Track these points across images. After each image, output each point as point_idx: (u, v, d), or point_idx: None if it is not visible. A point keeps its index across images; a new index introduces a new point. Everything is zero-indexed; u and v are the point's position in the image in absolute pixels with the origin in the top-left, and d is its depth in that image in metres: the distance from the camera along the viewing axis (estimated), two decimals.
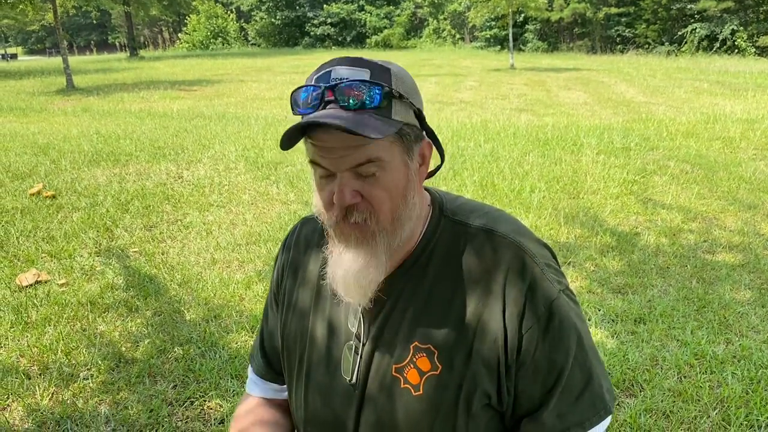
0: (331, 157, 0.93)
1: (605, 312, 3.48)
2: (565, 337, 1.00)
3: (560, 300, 1.01)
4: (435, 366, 1.01)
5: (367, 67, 0.93)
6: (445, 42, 45.73)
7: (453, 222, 1.06)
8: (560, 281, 1.03)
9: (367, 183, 0.94)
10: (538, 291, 0.99)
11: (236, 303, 3.69)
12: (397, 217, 0.97)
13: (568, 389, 1.00)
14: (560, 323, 1.00)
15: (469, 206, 1.11)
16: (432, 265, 1.04)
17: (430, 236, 1.05)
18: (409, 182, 0.98)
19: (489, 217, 1.07)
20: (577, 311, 1.05)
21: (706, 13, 30.83)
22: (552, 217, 5.06)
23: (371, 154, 0.92)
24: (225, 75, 21.89)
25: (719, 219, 5.05)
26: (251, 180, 6.40)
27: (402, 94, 0.94)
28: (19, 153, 7.61)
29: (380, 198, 0.95)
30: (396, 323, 1.04)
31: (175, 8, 47.36)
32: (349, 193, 0.94)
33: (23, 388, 2.83)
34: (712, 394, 2.71)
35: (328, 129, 0.90)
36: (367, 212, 0.95)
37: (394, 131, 0.92)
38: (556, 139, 8.13)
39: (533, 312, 0.98)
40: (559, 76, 19.76)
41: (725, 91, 14.58)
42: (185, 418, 2.63)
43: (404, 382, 1.02)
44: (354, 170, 0.93)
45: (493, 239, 1.03)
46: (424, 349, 1.01)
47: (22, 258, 4.37)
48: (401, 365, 1.03)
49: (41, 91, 17.21)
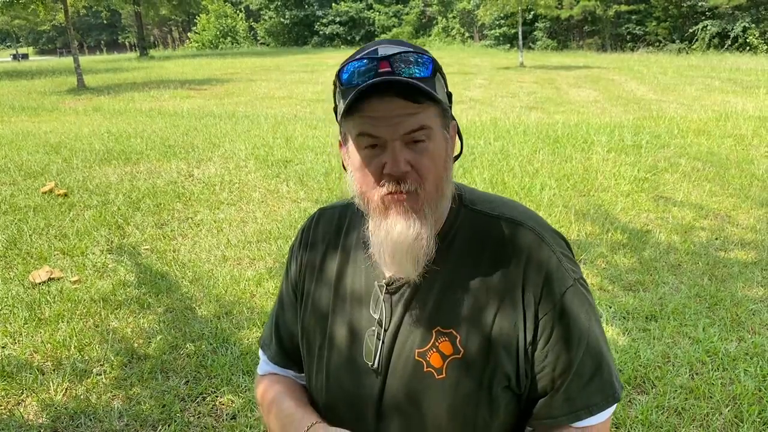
0: (385, 126, 0.95)
1: (617, 309, 3.47)
2: (578, 324, 1.03)
3: (575, 288, 1.04)
4: (457, 350, 1.03)
5: (409, 47, 0.98)
6: (454, 40, 45.65)
7: (473, 211, 1.09)
8: (575, 270, 1.06)
9: (416, 152, 0.97)
10: (555, 279, 1.02)
11: (247, 300, 3.70)
12: (440, 188, 1.01)
13: (579, 374, 1.03)
14: (574, 311, 1.03)
15: (486, 197, 1.14)
16: (453, 252, 1.06)
17: (451, 224, 1.08)
18: (448, 154, 1.02)
19: (507, 207, 1.10)
20: (590, 300, 1.07)
21: (718, 11, 30.61)
22: (563, 215, 5.04)
23: (423, 122, 0.96)
24: (234, 74, 21.96)
25: (731, 216, 5.01)
26: (261, 178, 6.41)
27: (442, 72, 1.00)
28: (32, 152, 7.67)
29: (428, 167, 0.98)
30: (419, 309, 1.06)
31: (185, 8, 47.53)
32: (404, 162, 0.96)
33: (37, 383, 2.85)
34: (725, 392, 2.70)
35: (383, 97, 0.93)
36: (417, 182, 0.98)
37: (442, 100, 0.97)
38: (566, 137, 8.10)
39: (550, 298, 1.01)
40: (569, 74, 19.69)
41: (737, 88, 14.48)
42: (197, 413, 2.65)
43: (427, 365, 1.04)
44: (406, 137, 0.96)
45: (512, 228, 1.06)
46: (446, 333, 1.03)
47: (35, 255, 4.41)
48: (424, 349, 1.04)
49: (52, 90, 17.33)
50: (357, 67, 0.95)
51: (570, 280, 1.04)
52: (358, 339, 1.11)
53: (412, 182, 0.97)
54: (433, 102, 0.96)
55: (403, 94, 0.93)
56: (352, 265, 1.14)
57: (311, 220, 1.25)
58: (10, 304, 3.65)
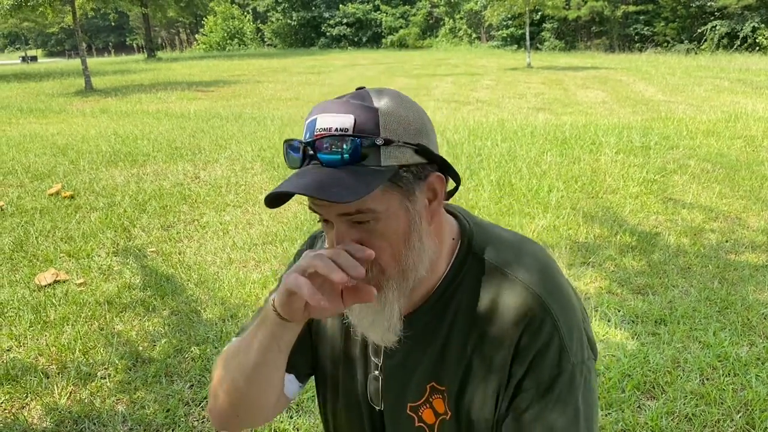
0: (321, 205, 0.90)
1: (625, 313, 3.43)
2: (555, 413, 0.93)
3: (569, 374, 0.94)
4: (446, 410, 0.99)
5: (351, 112, 0.86)
6: (462, 41, 45.59)
7: (480, 261, 1.00)
8: (577, 353, 0.96)
9: (365, 231, 0.90)
10: (547, 359, 0.93)
11: (253, 302, 3.68)
12: (403, 264, 0.92)
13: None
14: (557, 398, 0.93)
15: (502, 243, 1.03)
16: (454, 305, 0.99)
17: (455, 274, 1.00)
18: (413, 226, 0.91)
19: (522, 262, 0.99)
20: (585, 391, 0.97)
21: (727, 11, 30.44)
22: (570, 217, 5.00)
23: (360, 206, 0.87)
24: (241, 76, 22.00)
25: (742, 218, 4.96)
26: (267, 180, 6.40)
27: (390, 139, 0.86)
28: (39, 154, 7.69)
29: (380, 247, 0.90)
30: (414, 361, 1.01)
31: (192, 10, 47.75)
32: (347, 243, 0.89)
33: (42, 386, 2.84)
34: (736, 397, 2.66)
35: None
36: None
37: (380, 184, 0.85)
38: (574, 138, 8.06)
39: (535, 376, 0.94)
40: (577, 75, 19.62)
41: (746, 89, 14.37)
42: (201, 418, 2.63)
43: (418, 420, 1.01)
44: (346, 219, 0.89)
45: (518, 290, 0.96)
46: (440, 391, 0.99)
47: (40, 258, 4.40)
48: (416, 404, 1.01)
49: (60, 92, 17.40)
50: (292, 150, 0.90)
51: (567, 364, 0.94)
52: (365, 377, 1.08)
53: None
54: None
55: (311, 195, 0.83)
56: None
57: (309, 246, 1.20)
58: (16, 306, 3.65)
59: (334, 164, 0.85)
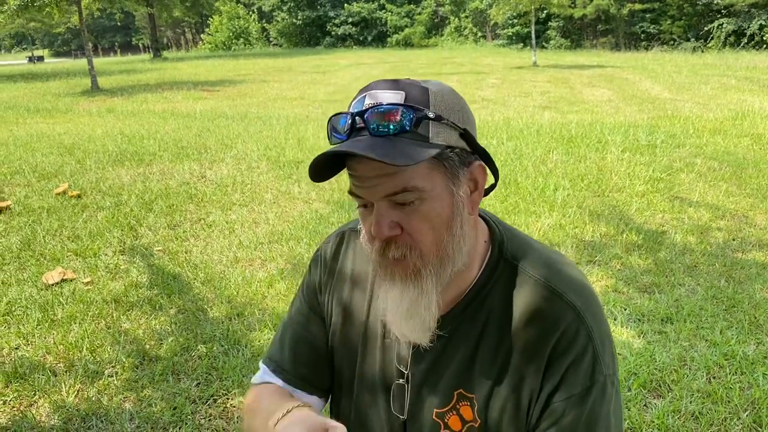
0: (365, 186, 0.88)
1: (632, 311, 3.43)
2: (588, 424, 0.93)
3: (601, 386, 0.93)
4: (475, 418, 0.97)
5: (402, 89, 0.87)
6: (467, 40, 45.53)
7: (513, 267, 0.98)
8: (608, 366, 0.95)
9: (405, 213, 0.88)
10: (582, 368, 0.92)
11: (259, 301, 3.69)
12: (443, 250, 0.90)
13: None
14: (591, 409, 0.92)
15: (534, 251, 1.01)
16: (485, 310, 0.97)
17: (487, 279, 0.98)
18: (455, 211, 0.90)
19: (553, 270, 0.98)
20: (615, 403, 0.96)
21: (733, 8, 30.29)
22: (577, 216, 4.99)
23: (407, 183, 0.85)
24: (247, 75, 22.03)
25: (749, 217, 4.94)
26: (273, 179, 6.41)
27: (441, 115, 0.86)
28: (46, 153, 7.73)
29: (421, 230, 0.88)
30: (443, 366, 0.99)
31: (198, 9, 47.83)
32: (387, 224, 0.87)
33: (49, 384, 2.85)
34: (743, 396, 2.65)
35: (360, 158, 0.85)
36: (406, 246, 0.89)
37: (430, 156, 0.84)
38: (580, 137, 8.04)
39: (569, 386, 0.92)
40: (583, 74, 19.57)
41: (753, 87, 14.31)
42: (208, 416, 2.64)
43: (444, 427, 0.99)
44: (390, 199, 0.87)
45: (552, 298, 0.94)
46: (468, 398, 0.97)
47: (48, 257, 4.43)
48: (443, 410, 0.99)
49: (67, 92, 17.47)
50: (341, 122, 0.88)
51: (600, 375, 0.93)
52: (387, 386, 1.05)
53: (401, 246, 0.89)
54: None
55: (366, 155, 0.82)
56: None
57: (338, 243, 1.15)
58: (24, 305, 3.67)
59: (383, 134, 0.84)
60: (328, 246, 1.17)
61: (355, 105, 0.88)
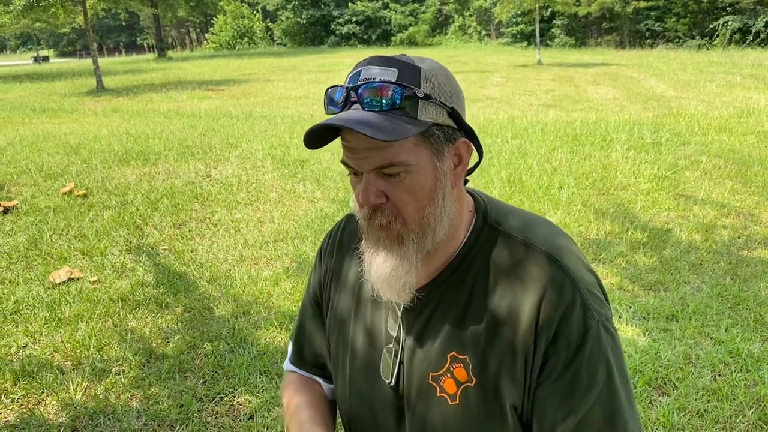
0: (355, 157, 0.93)
1: (637, 309, 3.43)
2: (590, 370, 0.95)
3: (596, 332, 0.96)
4: (470, 378, 0.99)
5: (396, 66, 0.92)
6: (471, 38, 45.48)
7: (497, 231, 1.03)
8: (600, 311, 0.98)
9: (392, 184, 0.93)
10: (574, 317, 0.95)
11: (265, 299, 3.71)
12: (425, 220, 0.95)
13: (585, 424, 0.95)
14: (589, 355, 0.95)
15: (515, 214, 1.07)
16: (472, 274, 1.01)
17: (472, 244, 1.03)
18: (438, 184, 0.96)
19: (535, 231, 1.03)
20: (613, 346, 0.98)
21: (739, 6, 30.15)
22: (582, 214, 4.99)
23: (394, 158, 0.91)
24: (251, 75, 22.06)
25: (754, 214, 4.93)
26: (278, 178, 6.43)
27: (429, 94, 0.91)
28: (52, 153, 7.76)
29: (405, 200, 0.94)
30: (434, 331, 1.03)
31: (202, 9, 47.84)
32: (374, 193, 0.93)
33: (57, 382, 2.87)
34: (748, 393, 2.65)
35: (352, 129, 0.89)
36: (392, 214, 0.94)
37: (416, 133, 0.89)
38: (585, 135, 8.03)
39: (563, 339, 0.95)
40: (587, 72, 19.53)
41: (759, 84, 14.26)
42: (215, 413, 2.65)
43: (440, 390, 1.01)
44: (378, 171, 0.93)
45: (535, 255, 0.99)
46: (461, 360, 1.00)
47: (55, 256, 4.45)
48: (438, 374, 1.02)
49: (72, 92, 17.53)
50: (336, 95, 0.94)
51: (593, 322, 0.96)
52: (377, 355, 1.09)
53: (386, 214, 0.95)
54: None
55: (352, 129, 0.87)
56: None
57: (338, 225, 1.24)
58: (31, 304, 3.69)
59: (374, 109, 0.90)
60: (331, 231, 1.25)
61: (351, 78, 0.94)
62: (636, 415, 1.00)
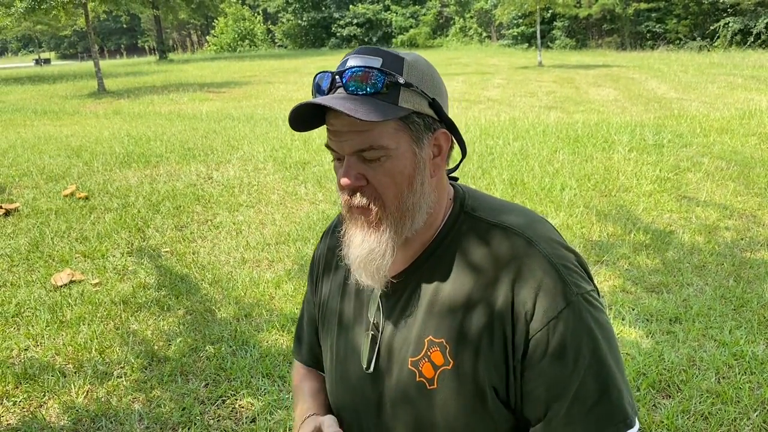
0: (337, 140, 0.97)
1: (640, 311, 3.42)
2: (575, 344, 0.95)
3: (576, 305, 0.96)
4: (447, 361, 1.00)
5: (380, 56, 0.96)
6: (472, 40, 45.49)
7: (471, 217, 1.06)
8: (579, 284, 0.98)
9: (372, 168, 0.96)
10: (550, 295, 0.95)
11: (266, 302, 3.70)
12: (403, 204, 0.98)
13: (580, 399, 0.95)
14: (572, 329, 0.95)
15: (491, 202, 1.09)
16: (447, 259, 1.04)
17: (448, 230, 1.05)
18: (417, 170, 0.98)
19: (509, 215, 1.05)
20: (596, 316, 0.98)
21: (740, 7, 30.13)
22: (584, 216, 4.98)
23: (374, 141, 0.94)
24: (253, 77, 22.07)
25: (757, 216, 4.92)
26: (280, 180, 6.42)
27: (411, 83, 0.95)
28: (53, 155, 7.76)
29: (384, 183, 0.97)
30: (411, 316, 1.04)
31: (203, 11, 47.94)
32: (354, 175, 0.96)
33: (59, 385, 2.87)
34: (753, 396, 2.64)
35: (336, 113, 0.94)
36: (371, 197, 0.97)
37: (396, 117, 0.93)
38: (586, 137, 8.02)
39: (542, 316, 0.95)
40: (588, 73, 19.53)
41: (761, 86, 14.24)
42: (217, 416, 2.64)
43: (419, 375, 1.02)
44: (359, 155, 0.96)
45: (509, 236, 1.01)
46: (437, 343, 1.01)
47: (56, 258, 4.45)
48: (416, 358, 1.03)
49: (74, 94, 17.54)
50: (321, 79, 0.99)
51: (571, 295, 0.96)
52: (358, 342, 1.11)
53: (366, 196, 0.98)
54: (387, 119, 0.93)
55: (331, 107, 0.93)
56: None
57: (336, 219, 1.27)
58: (33, 306, 3.68)
59: (358, 93, 0.94)
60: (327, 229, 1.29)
61: (339, 66, 0.98)
62: (627, 383, 1.00)
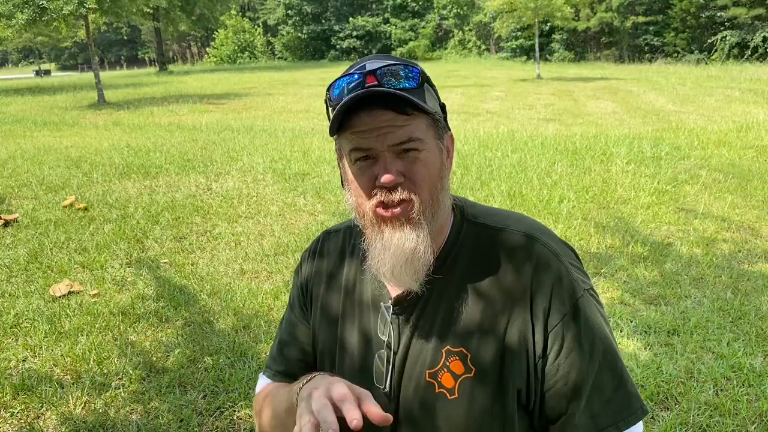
0: (374, 137, 0.96)
1: (638, 323, 3.42)
2: (591, 335, 1.00)
3: (585, 299, 1.01)
4: (468, 368, 1.01)
5: (397, 60, 0.99)
6: (471, 53, 45.70)
7: (475, 224, 1.08)
8: (584, 281, 1.04)
9: (408, 162, 0.97)
10: (564, 289, 1.00)
11: (265, 313, 3.70)
12: (436, 200, 1.00)
13: (599, 389, 0.99)
14: (585, 321, 1.00)
15: (489, 210, 1.13)
16: (458, 268, 1.05)
17: (454, 239, 1.07)
18: (443, 166, 1.02)
19: (512, 219, 1.09)
20: (601, 311, 1.04)
21: (737, 21, 30.34)
22: (582, 227, 5.00)
23: (412, 133, 0.96)
24: (252, 88, 22.14)
25: (755, 228, 4.94)
26: (279, 191, 6.44)
27: (431, 85, 1.00)
28: (53, 166, 7.78)
29: (421, 175, 0.98)
30: (426, 329, 1.04)
31: (203, 23, 48.15)
32: (395, 171, 0.97)
33: (57, 396, 2.86)
34: (751, 408, 2.64)
35: (371, 111, 0.94)
36: (410, 191, 0.98)
37: (431, 110, 0.97)
38: (585, 149, 8.05)
39: (559, 310, 0.99)
40: (587, 86, 19.61)
41: (758, 99, 14.31)
42: (215, 428, 2.64)
43: (439, 386, 1.02)
44: (396, 148, 0.96)
45: (518, 239, 1.04)
46: (456, 353, 1.02)
47: (55, 269, 4.45)
48: (434, 370, 1.03)
49: (74, 105, 17.59)
50: (347, 83, 0.97)
51: (580, 290, 1.01)
52: (368, 361, 1.09)
53: (404, 191, 0.98)
54: (422, 112, 0.97)
55: (389, 105, 0.94)
56: (358, 284, 1.14)
57: (317, 242, 1.25)
58: (31, 317, 3.68)
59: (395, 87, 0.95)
60: (309, 248, 1.26)
61: (357, 70, 0.97)
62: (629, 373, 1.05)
